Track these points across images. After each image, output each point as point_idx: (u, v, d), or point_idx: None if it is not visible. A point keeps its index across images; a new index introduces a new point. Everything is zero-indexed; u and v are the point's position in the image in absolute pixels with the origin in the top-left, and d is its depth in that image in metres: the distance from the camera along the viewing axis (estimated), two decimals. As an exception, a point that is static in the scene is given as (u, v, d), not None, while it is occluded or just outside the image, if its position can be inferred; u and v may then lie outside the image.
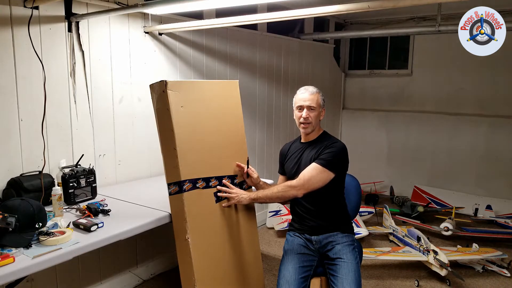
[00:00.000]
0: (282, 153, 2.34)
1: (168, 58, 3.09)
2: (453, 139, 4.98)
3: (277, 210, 4.11)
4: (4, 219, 1.65)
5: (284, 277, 2.01)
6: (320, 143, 2.14)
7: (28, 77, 2.26)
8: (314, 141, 2.18)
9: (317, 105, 2.10)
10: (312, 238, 2.10)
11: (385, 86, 5.53)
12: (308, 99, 2.09)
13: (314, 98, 2.10)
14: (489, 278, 3.16)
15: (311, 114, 2.09)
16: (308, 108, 2.09)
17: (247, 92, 3.86)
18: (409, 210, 4.48)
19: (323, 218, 2.10)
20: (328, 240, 2.08)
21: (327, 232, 2.08)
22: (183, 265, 2.10)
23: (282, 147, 2.37)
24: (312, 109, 2.09)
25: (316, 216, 2.10)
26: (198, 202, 2.12)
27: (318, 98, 2.11)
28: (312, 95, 2.10)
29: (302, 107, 2.11)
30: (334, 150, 2.05)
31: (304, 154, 2.16)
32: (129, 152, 2.90)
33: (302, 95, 2.12)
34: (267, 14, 2.54)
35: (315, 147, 2.13)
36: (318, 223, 2.10)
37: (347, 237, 2.09)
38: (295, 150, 2.24)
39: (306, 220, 2.13)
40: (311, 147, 2.16)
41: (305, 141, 2.21)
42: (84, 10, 2.48)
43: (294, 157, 2.21)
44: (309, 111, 2.09)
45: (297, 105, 2.14)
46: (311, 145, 2.17)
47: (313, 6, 2.21)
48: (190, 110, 2.11)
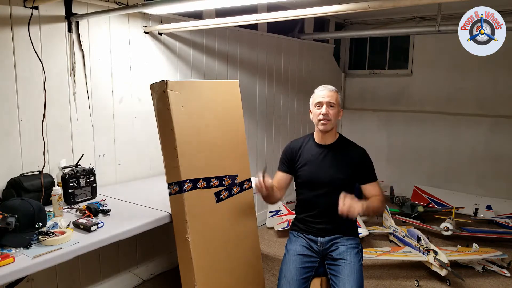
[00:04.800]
0: (291, 151, 2.17)
1: (168, 58, 3.09)
2: (453, 139, 4.98)
3: (277, 210, 4.11)
4: (4, 219, 1.65)
5: (285, 277, 2.00)
6: (347, 150, 2.10)
7: (28, 77, 2.26)
8: (335, 146, 2.11)
9: (336, 102, 2.05)
10: (318, 239, 2.08)
11: (385, 86, 5.53)
12: (327, 95, 2.04)
13: (333, 95, 2.05)
14: (489, 278, 3.16)
15: (330, 111, 2.03)
16: (327, 104, 2.03)
17: (247, 92, 3.86)
18: (409, 210, 4.48)
19: (333, 221, 2.05)
20: (333, 242, 2.06)
21: (333, 234, 2.05)
22: (183, 265, 2.10)
23: (290, 144, 2.22)
24: (332, 106, 2.04)
25: (327, 218, 2.07)
26: (198, 202, 2.12)
27: (337, 96, 2.07)
28: (331, 92, 2.06)
29: (321, 104, 2.04)
30: (371, 162, 2.12)
31: (326, 160, 2.08)
32: (129, 152, 2.90)
33: (321, 92, 2.07)
34: (267, 14, 2.54)
35: (341, 155, 2.08)
36: (326, 226, 2.07)
37: (352, 239, 2.07)
38: (312, 152, 2.12)
39: (315, 222, 2.09)
40: (334, 153, 2.09)
41: (322, 143, 2.12)
42: (84, 10, 2.48)
43: (313, 160, 2.10)
44: (329, 108, 2.03)
45: (316, 101, 2.07)
46: (333, 150, 2.10)
47: (313, 6, 2.21)
48: (190, 110, 2.11)
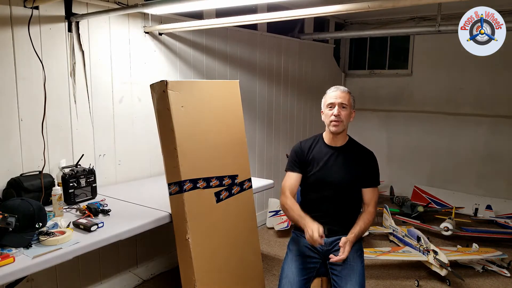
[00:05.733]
0: (300, 152, 2.16)
1: (168, 58, 3.09)
2: (453, 139, 4.99)
3: (277, 210, 4.11)
4: (4, 219, 1.65)
5: (286, 277, 1.99)
6: (356, 153, 2.11)
7: (28, 77, 2.26)
8: (345, 148, 2.11)
9: (348, 103, 2.04)
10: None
11: (385, 86, 5.53)
12: (340, 96, 2.03)
13: (346, 96, 2.03)
14: (489, 278, 3.16)
15: (342, 112, 2.01)
16: (339, 105, 2.01)
17: (247, 92, 3.85)
18: (409, 210, 4.48)
19: (339, 223, 2.06)
20: (336, 242, 2.04)
21: (337, 235, 2.04)
22: (183, 265, 2.10)
23: (300, 144, 2.19)
24: (344, 107, 2.02)
25: (333, 220, 2.07)
26: (198, 202, 2.12)
27: (350, 98, 2.06)
28: (343, 93, 2.04)
29: (333, 105, 2.02)
30: (377, 167, 2.13)
31: (337, 161, 2.08)
32: (129, 152, 2.90)
33: (333, 93, 2.06)
34: (267, 14, 2.54)
35: (350, 158, 2.09)
36: (331, 227, 2.06)
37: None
38: (322, 153, 2.12)
39: (320, 223, 2.03)
40: (344, 155, 2.09)
41: (333, 145, 2.12)
42: (84, 10, 2.48)
43: (322, 160, 2.10)
44: (341, 109, 2.01)
45: (328, 102, 2.05)
46: (343, 152, 2.10)
47: (313, 6, 2.21)
48: (190, 110, 2.11)
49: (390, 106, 5.48)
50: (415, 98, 5.29)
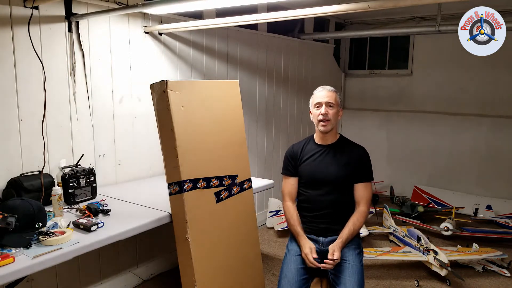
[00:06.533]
0: (293, 155, 2.21)
1: (168, 58, 3.09)
2: (453, 139, 4.98)
3: (277, 210, 4.11)
4: (4, 219, 1.65)
5: (286, 277, 2.00)
6: (347, 149, 2.13)
7: (28, 77, 2.26)
8: (335, 145, 2.15)
9: (335, 102, 2.09)
10: (320, 239, 2.08)
11: (385, 86, 5.53)
12: (326, 95, 2.09)
13: (332, 95, 2.09)
14: (489, 278, 3.16)
15: (329, 111, 2.07)
16: (326, 104, 2.07)
17: (247, 92, 3.86)
18: (409, 210, 4.48)
19: (337, 221, 2.08)
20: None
21: (336, 234, 2.05)
22: (183, 265, 2.10)
23: (292, 148, 2.25)
24: (331, 106, 2.08)
25: (330, 219, 2.08)
26: (198, 202, 2.12)
27: (336, 97, 2.11)
28: (330, 92, 2.10)
29: (320, 104, 2.08)
30: (369, 162, 2.14)
31: (327, 158, 2.12)
32: (129, 152, 2.90)
33: (320, 92, 2.12)
34: (267, 14, 2.54)
35: (342, 153, 2.11)
36: (330, 226, 2.08)
37: (353, 240, 2.07)
38: (313, 152, 2.16)
39: (318, 222, 2.10)
40: (334, 151, 2.12)
41: (323, 143, 2.16)
42: (84, 10, 2.48)
43: (313, 159, 2.14)
44: (328, 108, 2.07)
45: (315, 102, 2.11)
46: (333, 149, 2.13)
47: (313, 6, 2.21)
48: (190, 110, 2.11)
49: (390, 106, 5.47)
50: (415, 98, 5.29)
